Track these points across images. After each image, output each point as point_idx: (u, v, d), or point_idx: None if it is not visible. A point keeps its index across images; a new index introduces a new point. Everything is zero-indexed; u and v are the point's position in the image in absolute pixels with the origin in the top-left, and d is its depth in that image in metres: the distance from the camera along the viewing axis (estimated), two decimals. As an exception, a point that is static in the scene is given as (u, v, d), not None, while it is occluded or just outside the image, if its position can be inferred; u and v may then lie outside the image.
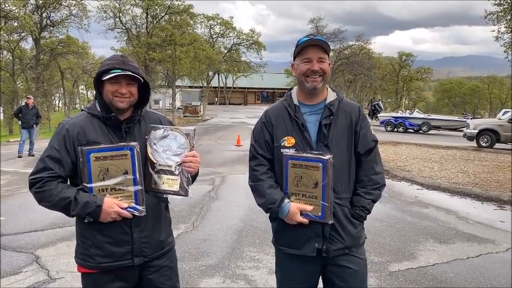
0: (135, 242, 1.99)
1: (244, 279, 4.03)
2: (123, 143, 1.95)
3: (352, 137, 2.20)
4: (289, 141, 2.18)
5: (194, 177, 2.11)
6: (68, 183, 1.98)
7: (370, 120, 28.10)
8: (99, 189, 1.91)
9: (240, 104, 59.49)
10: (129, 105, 2.00)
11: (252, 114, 36.29)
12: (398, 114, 28.08)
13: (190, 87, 41.41)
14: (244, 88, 60.22)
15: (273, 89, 62.26)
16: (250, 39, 40.83)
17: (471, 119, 26.63)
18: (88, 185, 1.91)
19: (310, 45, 2.14)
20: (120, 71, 1.93)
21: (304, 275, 2.21)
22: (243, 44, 41.39)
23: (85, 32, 27.01)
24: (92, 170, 1.90)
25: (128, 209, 1.89)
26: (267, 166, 2.23)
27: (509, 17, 15.02)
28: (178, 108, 35.24)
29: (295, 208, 2.08)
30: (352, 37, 40.75)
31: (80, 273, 2.06)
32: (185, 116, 34.09)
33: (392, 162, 11.80)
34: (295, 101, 2.25)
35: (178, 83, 34.79)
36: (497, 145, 16.46)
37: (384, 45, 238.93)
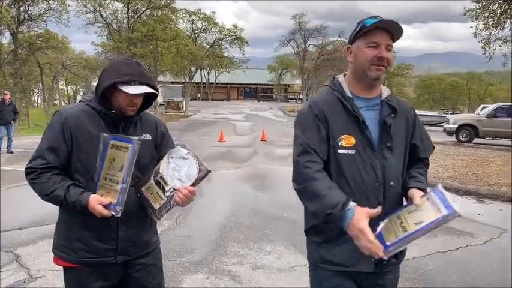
0: (120, 239, 1.96)
1: (228, 275, 4.03)
2: (130, 137, 1.90)
3: (407, 140, 1.92)
4: (347, 140, 1.80)
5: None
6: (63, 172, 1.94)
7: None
8: (104, 177, 1.89)
9: (222, 100, 59.18)
10: (135, 112, 2.01)
11: (235, 110, 36.24)
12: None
13: (172, 83, 41.05)
14: (227, 84, 59.90)
15: (256, 84, 62.14)
16: (232, 35, 40.73)
17: (451, 114, 27.13)
18: (98, 172, 1.89)
19: (380, 28, 1.79)
20: (138, 84, 1.92)
21: None
22: (225, 39, 41.27)
23: (64, 26, 26.47)
24: (107, 158, 1.88)
25: (110, 206, 1.86)
26: (321, 164, 1.78)
27: (487, 14, 15.31)
28: (161, 104, 34.90)
29: (362, 213, 1.60)
30: (334, 33, 41.07)
31: (62, 269, 2.02)
32: (167, 112, 33.76)
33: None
34: (348, 93, 1.87)
35: (160, 78, 34.49)
36: (476, 140, 16.82)
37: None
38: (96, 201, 1.83)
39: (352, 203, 1.62)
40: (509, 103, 18.54)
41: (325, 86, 1.98)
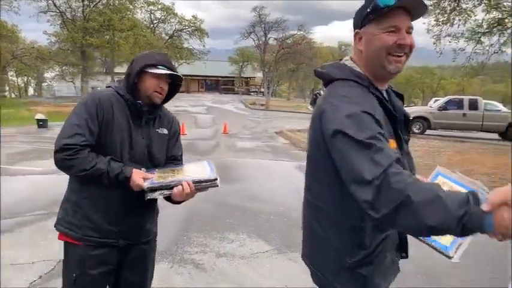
0: (125, 224, 2.01)
1: (192, 263, 4.08)
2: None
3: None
4: (392, 145, 1.42)
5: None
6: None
7: (311, 109, 28.85)
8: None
9: (182, 92, 58.38)
10: (161, 100, 2.08)
11: (195, 103, 35.90)
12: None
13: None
14: (187, 76, 59.18)
15: (217, 77, 61.74)
16: (192, 26, 40.23)
17: (405, 107, 28.16)
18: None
19: (401, 8, 1.39)
20: (166, 68, 2.02)
21: None
22: (185, 30, 40.71)
23: (15, 14, 25.25)
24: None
25: (147, 181, 1.90)
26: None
27: (437, 11, 15.97)
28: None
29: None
30: (294, 27, 41.47)
31: (63, 243, 2.04)
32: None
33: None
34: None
35: (117, 69, 33.58)
36: (428, 131, 17.62)
37: (324, 35, 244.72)
38: (140, 174, 1.91)
39: (481, 191, 1.27)
40: (459, 96, 19.54)
41: (342, 80, 1.48)
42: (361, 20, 1.46)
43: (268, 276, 3.91)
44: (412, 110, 19.32)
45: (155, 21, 39.59)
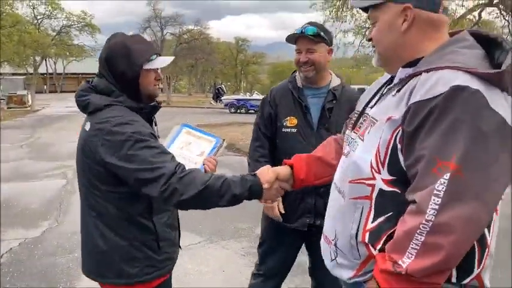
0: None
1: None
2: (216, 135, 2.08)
3: None
4: (291, 121, 2.28)
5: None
6: None
7: (214, 103, 28.94)
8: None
9: (74, 92, 53.98)
10: None
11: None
12: (240, 97, 29.75)
13: (13, 74, 36.39)
14: (78, 74, 55.43)
15: (111, 74, 58.68)
16: (82, 21, 37.79)
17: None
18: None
19: (300, 37, 2.22)
20: (155, 56, 1.75)
21: None
22: (74, 26, 38.07)
23: None
24: (179, 140, 2.05)
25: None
26: (266, 150, 2.37)
27: (326, 6, 17.14)
28: (0, 99, 30.69)
29: None
30: (190, 22, 41.21)
31: None
32: (10, 108, 29.85)
33: (241, 141, 12.69)
34: (299, 84, 2.33)
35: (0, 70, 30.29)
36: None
37: (218, 30, 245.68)
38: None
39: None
40: (353, 86, 21.25)
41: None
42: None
43: (205, 263, 4.12)
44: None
45: (39, 17, 36.38)
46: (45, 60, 42.51)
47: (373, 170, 1.25)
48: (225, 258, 4.22)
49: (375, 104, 1.40)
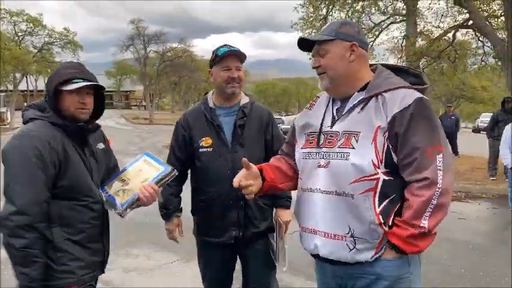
0: (105, 250, 2.05)
1: (100, 282, 3.94)
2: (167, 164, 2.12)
3: (263, 137, 2.49)
4: (206, 141, 2.42)
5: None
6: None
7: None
8: (121, 179, 2.11)
9: (56, 109, 53.67)
10: (89, 116, 1.96)
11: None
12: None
13: (-8, 91, 35.77)
14: (60, 91, 54.76)
15: (94, 91, 58.29)
16: (64, 39, 37.57)
17: (285, 116, 30.14)
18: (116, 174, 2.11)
19: (229, 55, 2.37)
20: (81, 80, 1.87)
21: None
22: (56, 43, 37.81)
23: None
24: (133, 167, 2.13)
25: (116, 205, 1.95)
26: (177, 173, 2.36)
27: (306, 27, 17.45)
28: (-21, 117, 30.06)
29: None
30: (174, 39, 41.36)
31: None
32: (-12, 125, 29.28)
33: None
34: (211, 104, 2.48)
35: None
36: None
37: (202, 48, 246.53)
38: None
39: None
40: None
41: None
42: (212, 63, 2.43)
43: (182, 280, 4.08)
44: (290, 119, 20.90)
45: (20, 34, 36.01)
46: (26, 77, 42.07)
47: (374, 166, 1.61)
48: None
49: (335, 122, 1.75)
